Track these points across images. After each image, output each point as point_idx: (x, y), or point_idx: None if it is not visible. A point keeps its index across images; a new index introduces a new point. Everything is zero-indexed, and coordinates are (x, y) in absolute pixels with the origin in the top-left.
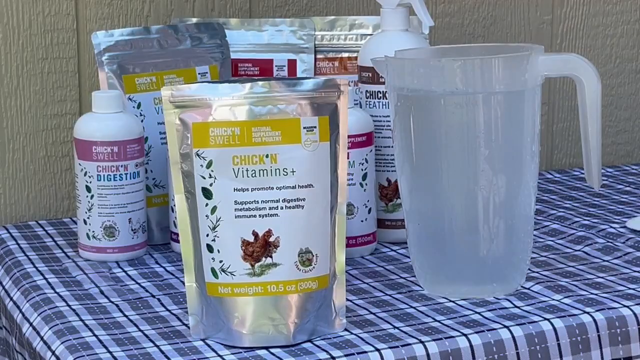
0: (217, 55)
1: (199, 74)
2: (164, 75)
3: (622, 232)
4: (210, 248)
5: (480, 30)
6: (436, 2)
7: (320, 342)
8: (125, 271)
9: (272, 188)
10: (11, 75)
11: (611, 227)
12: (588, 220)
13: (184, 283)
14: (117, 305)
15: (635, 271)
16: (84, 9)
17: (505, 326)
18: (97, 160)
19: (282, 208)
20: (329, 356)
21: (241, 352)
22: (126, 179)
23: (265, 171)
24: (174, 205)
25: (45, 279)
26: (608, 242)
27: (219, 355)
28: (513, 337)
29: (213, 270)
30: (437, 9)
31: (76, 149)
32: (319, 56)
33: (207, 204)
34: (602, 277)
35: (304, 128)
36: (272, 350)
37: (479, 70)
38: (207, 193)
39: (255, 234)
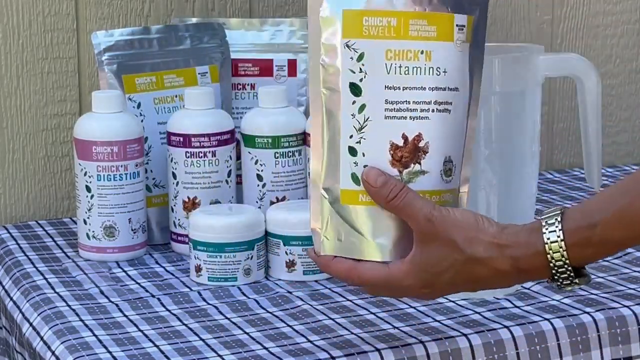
0: (217, 55)
1: (199, 74)
2: (164, 75)
3: None
4: (353, 151)
5: None
6: None
7: (320, 342)
8: (125, 271)
9: (425, 88)
10: (11, 75)
11: None
12: None
13: (183, 283)
14: (117, 305)
15: (635, 271)
16: (84, 9)
17: (505, 326)
18: (97, 160)
19: (433, 111)
20: (329, 356)
21: (241, 352)
22: (126, 179)
23: (419, 69)
24: (174, 205)
25: (45, 279)
26: None
27: (219, 356)
28: (513, 337)
29: (354, 176)
30: None
31: (76, 149)
32: None
33: (354, 102)
34: (602, 277)
35: (457, 26)
36: (272, 350)
37: None
38: (355, 89)
39: (405, 138)
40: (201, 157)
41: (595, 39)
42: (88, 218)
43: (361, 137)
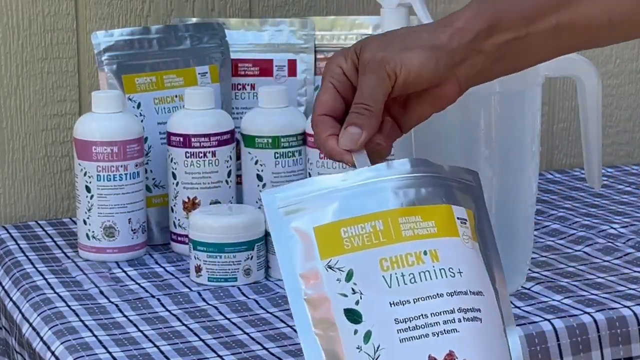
0: (217, 55)
1: (198, 74)
2: (163, 75)
3: (622, 232)
4: None
5: None
6: (436, 2)
7: None
8: (125, 271)
9: (442, 295)
10: (11, 75)
11: (612, 227)
12: (588, 220)
13: (183, 283)
14: (116, 306)
15: (635, 271)
16: (83, 9)
17: None
18: (96, 161)
19: (460, 320)
20: None
21: (241, 353)
22: (126, 179)
23: (427, 273)
24: (174, 206)
25: (45, 279)
26: (608, 242)
27: (219, 356)
28: None
29: None
30: (437, 8)
31: (76, 149)
32: (319, 56)
33: (356, 331)
34: (602, 278)
35: (458, 219)
36: (272, 350)
37: None
38: (353, 315)
39: None
40: (201, 157)
41: None
42: (88, 218)
43: None
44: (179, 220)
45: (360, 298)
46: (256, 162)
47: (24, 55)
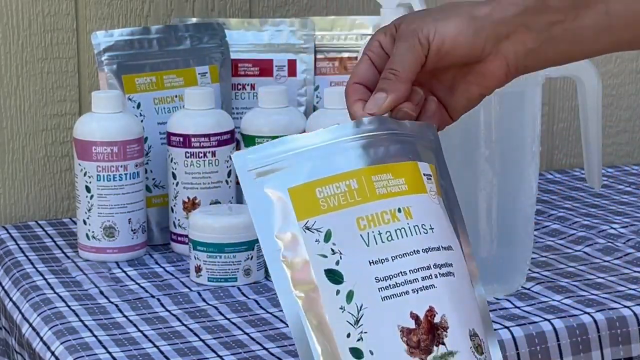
0: (217, 55)
1: (198, 74)
2: (163, 75)
3: (622, 232)
4: (357, 353)
5: None
6: (436, 2)
7: None
8: (124, 271)
9: (418, 251)
10: (11, 75)
11: (612, 227)
12: (588, 220)
13: (183, 283)
14: (116, 306)
15: (635, 271)
16: (83, 9)
17: (505, 327)
18: (96, 161)
19: (436, 276)
20: None
21: (241, 353)
22: (126, 179)
23: (403, 231)
24: (174, 206)
25: (45, 279)
26: (608, 242)
27: (219, 356)
28: (513, 337)
29: None
30: None
31: (76, 149)
32: (319, 56)
33: (338, 292)
34: (602, 278)
35: (424, 175)
36: (272, 350)
37: None
38: (334, 276)
39: (415, 317)
40: (201, 157)
41: None
42: (88, 218)
43: (361, 332)
44: (179, 220)
45: (340, 258)
46: None
47: (24, 55)
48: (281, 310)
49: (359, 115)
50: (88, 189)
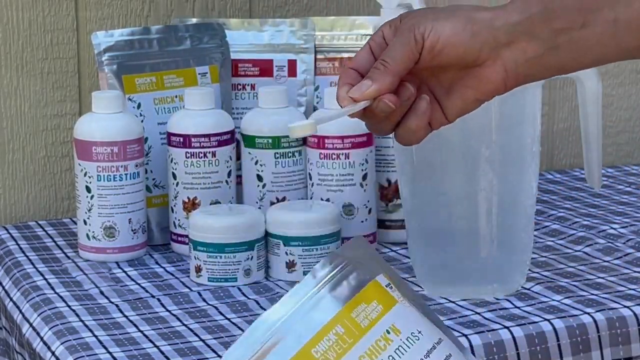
0: (217, 55)
1: (199, 74)
2: (164, 75)
3: (622, 232)
4: None
5: None
6: (436, 2)
7: None
8: (125, 271)
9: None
10: (11, 75)
11: (611, 227)
12: (588, 220)
13: (183, 283)
14: (117, 306)
15: (635, 272)
16: (83, 9)
17: (505, 327)
18: (97, 161)
19: None
20: None
21: None
22: (126, 179)
23: (400, 349)
24: (174, 206)
25: (45, 279)
26: (608, 242)
27: (219, 356)
28: (513, 337)
29: None
30: None
31: (76, 150)
32: (319, 56)
33: None
34: (602, 278)
35: (386, 287)
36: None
37: None
38: None
39: None
40: (201, 157)
41: None
42: (88, 218)
43: None
44: (179, 220)
45: None
46: (256, 162)
47: (24, 56)
48: None
49: (342, 98)
50: (88, 189)
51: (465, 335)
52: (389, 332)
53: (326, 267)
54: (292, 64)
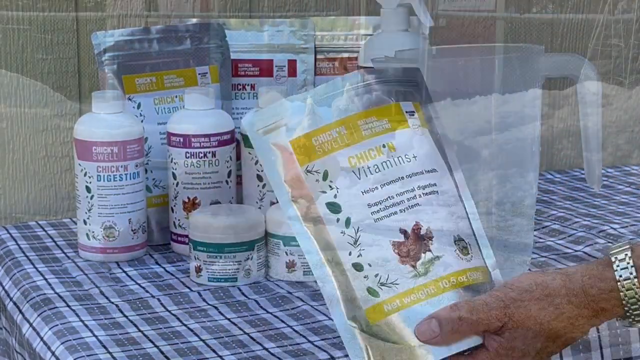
0: (217, 55)
1: (199, 74)
2: (164, 75)
3: (622, 232)
4: (358, 266)
5: (481, 30)
6: (436, 2)
7: (320, 342)
8: (125, 271)
9: (402, 178)
10: (11, 76)
11: (611, 227)
12: (588, 220)
13: (183, 283)
14: (117, 306)
15: None
16: (83, 9)
17: None
18: (97, 161)
19: (420, 196)
20: (329, 356)
21: (241, 353)
22: (126, 179)
23: (388, 163)
24: (174, 206)
25: (45, 279)
26: (608, 242)
27: (219, 356)
28: None
29: (370, 290)
30: (437, 8)
31: (76, 150)
32: (319, 56)
33: (338, 220)
34: None
35: (406, 112)
36: (272, 350)
37: (479, 70)
38: (334, 207)
39: (403, 232)
40: (201, 157)
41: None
42: (88, 218)
43: (360, 250)
44: (179, 220)
45: (337, 192)
46: (256, 162)
47: (24, 56)
48: (281, 311)
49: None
50: (88, 189)
51: None
52: (383, 147)
53: (357, 77)
54: (292, 64)
